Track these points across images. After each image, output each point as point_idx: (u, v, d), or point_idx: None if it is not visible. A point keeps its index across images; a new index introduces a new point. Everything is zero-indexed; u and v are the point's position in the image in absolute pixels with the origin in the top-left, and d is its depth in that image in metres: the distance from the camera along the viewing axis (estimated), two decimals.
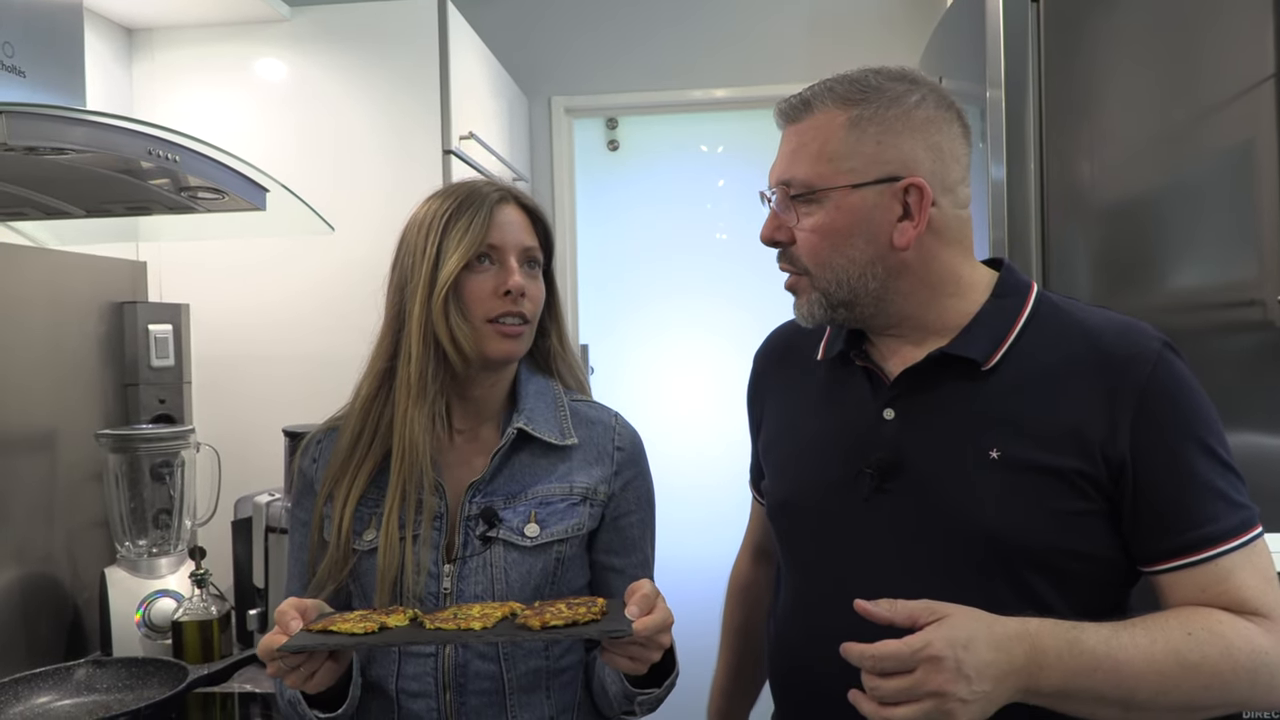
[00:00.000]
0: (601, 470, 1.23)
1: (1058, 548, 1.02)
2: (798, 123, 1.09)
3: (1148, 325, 1.07)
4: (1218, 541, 0.99)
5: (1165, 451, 1.00)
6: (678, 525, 2.86)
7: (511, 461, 1.21)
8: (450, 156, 2.18)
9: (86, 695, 1.60)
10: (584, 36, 3.21)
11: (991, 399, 1.05)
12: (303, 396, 2.14)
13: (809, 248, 1.07)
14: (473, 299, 1.17)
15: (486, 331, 1.17)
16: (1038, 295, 1.11)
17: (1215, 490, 1.00)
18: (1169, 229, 1.64)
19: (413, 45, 2.18)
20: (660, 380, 3.49)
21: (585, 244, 3.40)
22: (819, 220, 1.06)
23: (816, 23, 3.11)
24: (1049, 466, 1.01)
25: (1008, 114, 1.68)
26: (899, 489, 1.06)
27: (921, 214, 1.04)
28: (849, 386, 1.14)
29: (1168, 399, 1.01)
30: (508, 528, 1.18)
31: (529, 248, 1.21)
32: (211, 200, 1.58)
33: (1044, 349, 1.06)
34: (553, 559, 1.19)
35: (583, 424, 1.25)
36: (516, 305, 1.17)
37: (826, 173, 1.05)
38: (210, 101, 2.21)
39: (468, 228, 1.16)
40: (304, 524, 1.25)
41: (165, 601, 1.82)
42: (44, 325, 1.85)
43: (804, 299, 1.10)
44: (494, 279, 1.18)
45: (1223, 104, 1.63)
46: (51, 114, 1.18)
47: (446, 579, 1.16)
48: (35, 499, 1.82)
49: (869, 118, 1.05)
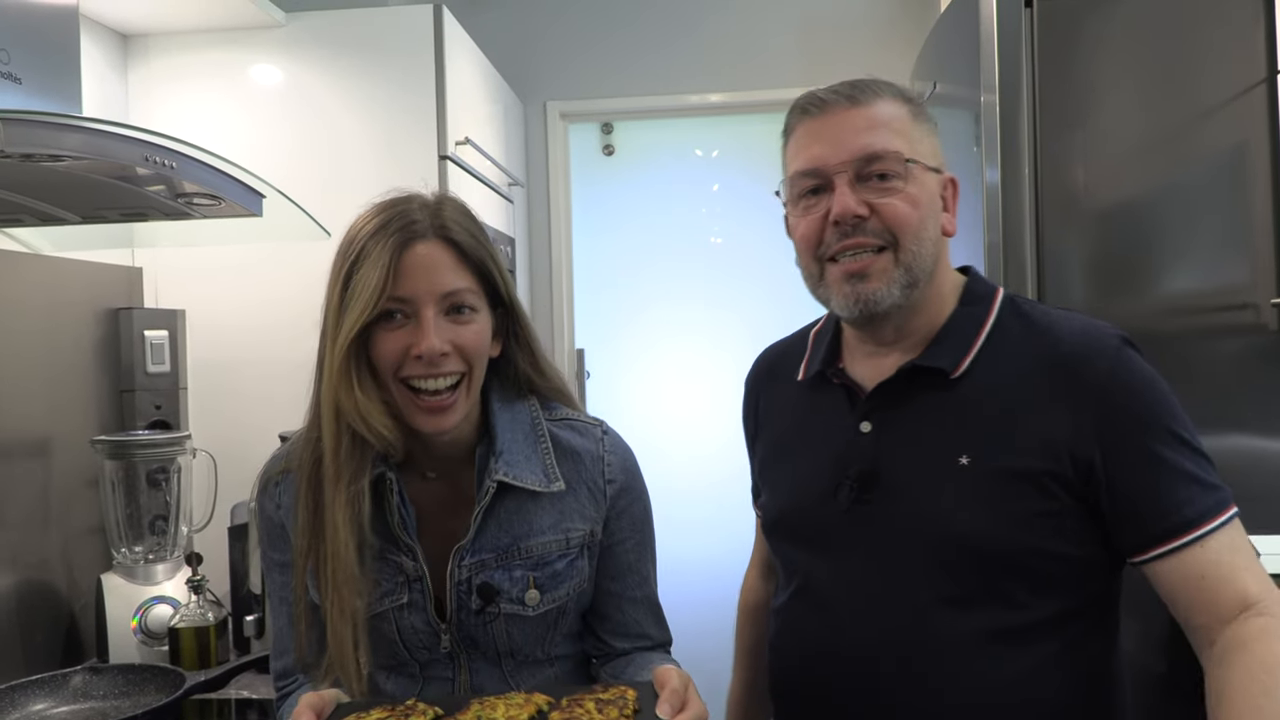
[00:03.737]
0: (595, 510, 1.14)
1: (1029, 549, 1.04)
2: (865, 105, 1.09)
3: (1106, 324, 1.09)
4: (1196, 524, 1.00)
5: (1132, 444, 1.02)
6: (677, 529, 2.86)
7: (496, 513, 1.09)
8: (446, 162, 2.19)
9: (83, 702, 1.59)
10: (579, 42, 3.22)
11: (960, 406, 1.08)
12: (298, 402, 2.10)
13: (901, 216, 1.06)
14: (383, 361, 1.01)
15: (404, 400, 1.02)
16: (1002, 301, 1.14)
17: (1187, 475, 1.01)
18: (1162, 233, 1.65)
19: (408, 51, 2.18)
20: (656, 384, 3.49)
21: (581, 248, 3.41)
22: (909, 193, 1.07)
23: (810, 28, 3.12)
24: (1016, 470, 1.04)
25: (1002, 118, 1.69)
26: (877, 499, 1.09)
27: (955, 206, 1.12)
28: (829, 404, 1.17)
29: (1128, 393, 1.03)
30: (507, 599, 1.08)
31: (451, 292, 1.02)
32: (208, 206, 1.58)
33: (1009, 354, 1.08)
34: (555, 615, 1.13)
35: (567, 458, 1.13)
36: (435, 368, 1.00)
37: (910, 150, 1.08)
38: (205, 107, 2.21)
39: (368, 277, 0.98)
40: (283, 565, 1.14)
41: (162, 608, 1.81)
42: (40, 331, 1.85)
43: (880, 279, 1.07)
44: (406, 337, 1.01)
45: (1215, 108, 1.64)
46: (48, 121, 1.18)
47: (445, 636, 1.10)
48: (31, 505, 1.81)
49: (920, 114, 1.11)
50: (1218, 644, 0.97)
